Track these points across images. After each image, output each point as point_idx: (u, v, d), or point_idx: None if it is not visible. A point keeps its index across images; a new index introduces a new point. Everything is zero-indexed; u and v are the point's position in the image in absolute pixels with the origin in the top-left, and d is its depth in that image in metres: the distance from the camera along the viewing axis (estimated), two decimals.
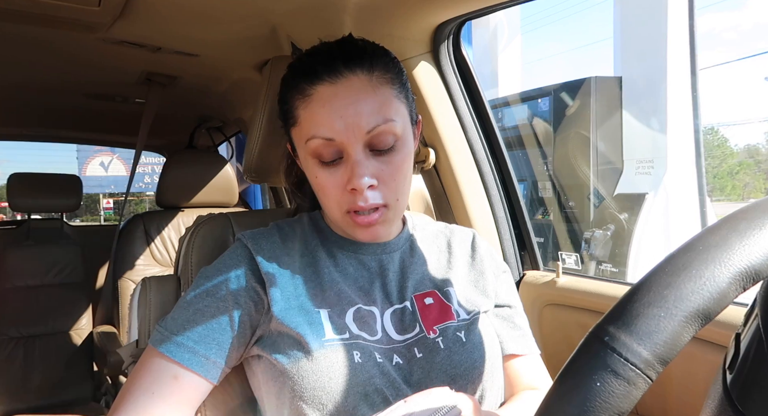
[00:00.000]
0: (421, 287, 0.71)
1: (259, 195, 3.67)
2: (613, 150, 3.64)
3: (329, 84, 0.62)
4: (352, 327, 0.64)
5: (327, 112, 0.62)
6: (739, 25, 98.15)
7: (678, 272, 0.30)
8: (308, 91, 0.63)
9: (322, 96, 0.62)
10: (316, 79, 0.63)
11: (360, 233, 0.67)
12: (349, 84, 0.62)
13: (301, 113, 0.64)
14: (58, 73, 1.60)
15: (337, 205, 0.65)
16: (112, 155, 13.74)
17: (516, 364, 0.75)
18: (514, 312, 0.78)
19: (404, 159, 0.66)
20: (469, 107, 1.16)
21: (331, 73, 0.62)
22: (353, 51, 0.64)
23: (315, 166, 0.65)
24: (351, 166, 0.62)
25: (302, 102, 0.64)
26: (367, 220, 0.64)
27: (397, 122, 0.64)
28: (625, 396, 0.29)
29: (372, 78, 0.63)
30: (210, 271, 0.67)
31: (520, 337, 0.76)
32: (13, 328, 1.98)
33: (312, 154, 0.64)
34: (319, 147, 0.63)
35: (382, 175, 0.64)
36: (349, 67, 0.62)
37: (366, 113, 0.61)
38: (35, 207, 2.17)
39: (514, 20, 4.95)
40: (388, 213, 0.66)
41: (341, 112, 0.61)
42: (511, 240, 1.21)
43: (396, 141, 0.64)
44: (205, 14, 1.10)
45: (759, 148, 16.46)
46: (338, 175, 0.64)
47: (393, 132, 0.63)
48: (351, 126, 0.61)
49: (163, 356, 0.60)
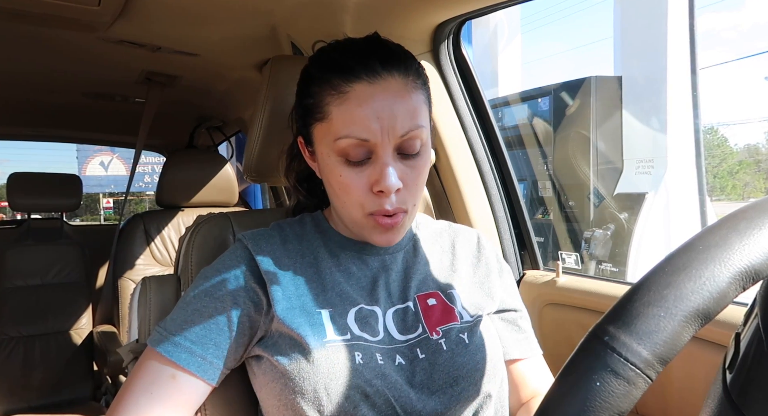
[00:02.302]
0: (424, 287, 0.71)
1: (259, 194, 3.67)
2: (613, 149, 3.64)
3: (367, 83, 0.61)
4: (354, 327, 0.64)
5: (365, 112, 0.60)
6: (739, 25, 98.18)
7: (678, 272, 0.30)
8: (344, 88, 0.61)
9: (359, 95, 0.61)
10: (353, 77, 0.61)
11: (378, 237, 0.66)
12: (386, 85, 0.61)
13: (333, 110, 0.62)
14: (58, 72, 1.60)
15: (360, 205, 0.64)
16: (112, 155, 13.73)
17: (521, 367, 0.75)
18: (518, 316, 0.78)
19: (426, 164, 0.66)
20: (469, 107, 1.16)
21: (369, 73, 0.61)
22: (388, 51, 0.63)
23: (340, 164, 0.63)
24: (380, 168, 0.61)
25: (336, 98, 0.62)
26: (392, 222, 0.64)
27: (425, 128, 0.64)
28: (624, 396, 0.29)
29: (408, 81, 0.63)
30: (209, 272, 0.66)
31: (524, 340, 0.76)
32: (13, 328, 1.98)
33: (339, 152, 0.63)
34: (350, 146, 0.61)
35: (407, 179, 0.63)
36: (386, 68, 0.61)
37: (401, 117, 0.61)
38: (35, 206, 2.16)
39: (514, 20, 4.95)
40: (406, 218, 0.66)
41: (379, 113, 0.60)
42: (511, 240, 1.21)
43: (422, 146, 0.64)
44: (205, 14, 1.10)
45: (759, 148, 16.46)
46: (365, 175, 0.62)
47: (421, 137, 0.63)
48: (386, 128, 0.60)
49: (160, 356, 0.60)
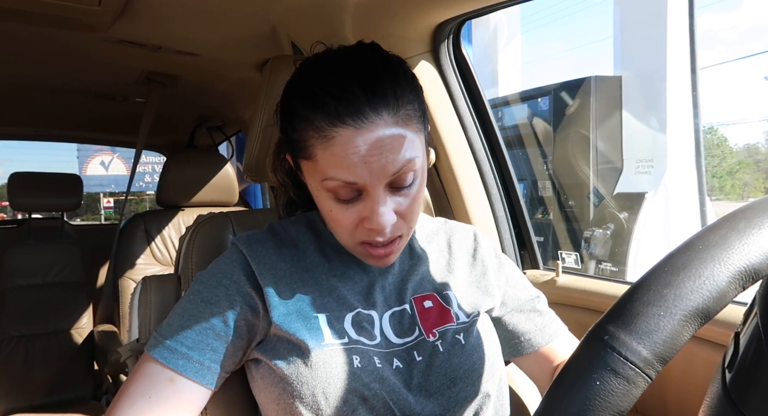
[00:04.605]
0: (421, 289, 0.71)
1: (259, 194, 3.67)
2: (613, 149, 3.64)
3: (353, 129, 0.56)
4: (351, 331, 0.64)
5: (351, 158, 0.57)
6: (737, 26, 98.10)
7: (677, 271, 0.31)
8: (328, 133, 0.57)
9: (344, 141, 0.56)
10: (339, 122, 0.56)
11: (371, 261, 0.66)
12: (374, 128, 0.56)
13: (318, 152, 0.59)
14: (58, 72, 1.60)
15: (350, 236, 0.63)
16: (113, 154, 13.72)
17: (554, 348, 0.76)
18: (535, 301, 0.78)
19: (420, 188, 0.64)
20: (469, 106, 1.16)
21: (356, 117, 0.56)
22: (377, 86, 0.57)
23: (330, 200, 0.62)
24: (371, 207, 0.59)
25: (320, 141, 0.58)
26: (385, 252, 0.63)
27: (419, 158, 0.61)
28: (624, 395, 0.29)
29: (398, 118, 0.58)
30: (205, 276, 0.66)
31: (550, 323, 0.77)
32: (13, 327, 1.98)
33: (328, 190, 0.61)
34: (338, 187, 0.59)
35: (401, 209, 0.62)
36: (374, 109, 0.56)
37: (392, 157, 0.57)
38: (36, 206, 2.16)
39: (514, 20, 4.95)
40: (402, 242, 0.65)
41: (367, 158, 0.57)
42: (511, 240, 1.21)
43: (416, 176, 0.62)
44: (206, 13, 1.10)
45: (758, 148, 16.44)
46: (355, 210, 0.61)
47: (414, 169, 0.60)
48: (375, 171, 0.57)
49: (157, 362, 0.59)
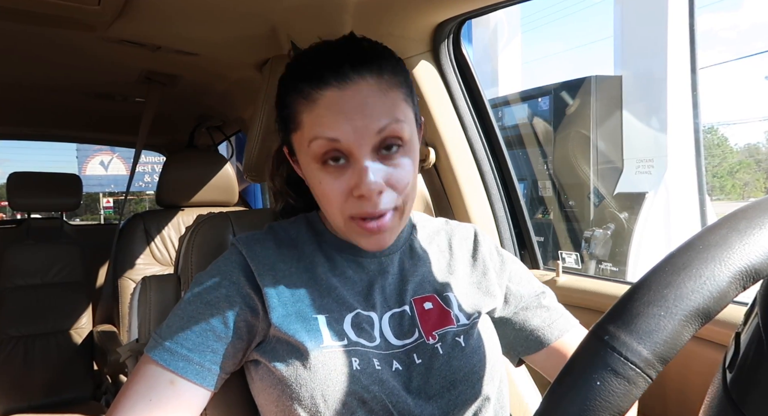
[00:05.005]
0: (421, 290, 0.70)
1: (259, 194, 3.67)
2: (614, 149, 3.64)
3: (337, 89, 0.59)
4: (350, 333, 0.63)
5: (333, 114, 0.59)
6: (737, 25, 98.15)
7: (678, 271, 0.30)
8: (313, 96, 0.60)
9: (329, 101, 0.59)
10: (323, 84, 0.59)
11: (365, 241, 0.64)
12: (357, 88, 0.59)
13: (304, 118, 0.61)
14: (58, 71, 1.60)
15: (340, 211, 0.62)
16: (112, 154, 13.74)
17: (567, 342, 0.76)
18: (542, 297, 0.78)
19: (412, 162, 0.64)
20: (469, 106, 1.16)
21: (339, 78, 0.59)
22: (361, 53, 0.61)
23: (318, 171, 0.62)
24: (358, 171, 0.59)
25: (306, 106, 0.60)
26: (378, 225, 0.61)
27: (405, 124, 0.61)
28: (624, 395, 0.29)
29: (381, 81, 0.60)
30: (204, 277, 0.66)
31: (559, 318, 0.77)
32: (13, 327, 1.98)
33: (315, 158, 0.61)
34: (323, 148, 0.60)
35: (391, 180, 0.61)
36: (357, 70, 0.59)
37: (376, 114, 0.59)
38: (35, 206, 2.17)
39: (514, 19, 4.95)
40: (396, 216, 0.64)
41: (349, 115, 0.58)
42: (511, 240, 1.21)
43: (404, 143, 0.62)
44: (205, 13, 1.10)
45: (759, 147, 16.45)
46: (343, 179, 0.60)
47: (402, 134, 0.60)
48: (359, 129, 0.58)
49: (157, 364, 0.59)
